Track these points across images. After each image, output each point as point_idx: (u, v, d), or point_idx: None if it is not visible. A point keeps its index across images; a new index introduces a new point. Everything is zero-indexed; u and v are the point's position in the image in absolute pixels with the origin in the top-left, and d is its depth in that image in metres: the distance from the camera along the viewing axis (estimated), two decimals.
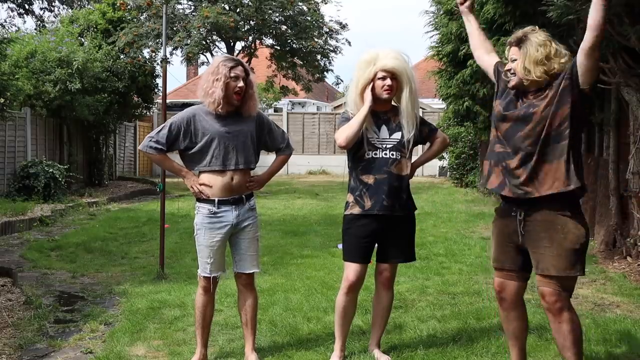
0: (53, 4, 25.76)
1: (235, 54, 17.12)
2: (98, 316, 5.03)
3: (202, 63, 17.88)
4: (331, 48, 17.48)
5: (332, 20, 17.56)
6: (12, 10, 25.03)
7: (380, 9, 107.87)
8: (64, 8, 25.50)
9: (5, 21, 25.11)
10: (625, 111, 7.02)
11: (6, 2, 23.34)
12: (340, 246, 4.11)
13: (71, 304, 5.52)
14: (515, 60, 3.29)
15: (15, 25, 24.98)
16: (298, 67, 17.71)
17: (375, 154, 3.87)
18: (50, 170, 12.73)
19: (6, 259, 7.52)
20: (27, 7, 25.05)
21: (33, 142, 13.87)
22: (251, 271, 3.98)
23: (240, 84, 3.80)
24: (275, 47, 17.51)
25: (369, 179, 3.87)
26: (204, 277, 3.92)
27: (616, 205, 7.24)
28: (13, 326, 4.86)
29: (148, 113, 19.94)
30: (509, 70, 3.34)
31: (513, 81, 3.31)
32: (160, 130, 3.88)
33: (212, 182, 3.84)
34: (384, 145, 3.88)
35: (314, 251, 7.78)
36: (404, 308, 5.15)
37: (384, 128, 3.91)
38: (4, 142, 12.64)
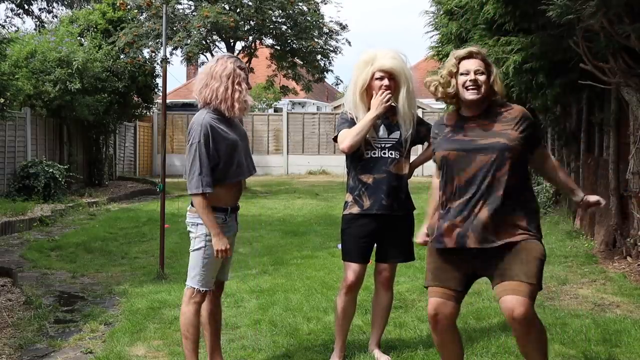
0: (52, 4, 25.75)
1: (235, 54, 17.11)
2: (98, 316, 5.03)
3: (202, 63, 17.85)
4: (331, 48, 17.47)
5: (332, 21, 17.56)
6: (11, 11, 24.99)
7: (380, 10, 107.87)
8: (62, 9, 25.48)
9: (5, 21, 25.07)
10: (625, 111, 7.02)
11: (4, 1, 23.31)
12: (340, 246, 4.09)
13: (71, 304, 5.52)
14: (483, 73, 3.17)
15: (15, 26, 24.95)
16: (298, 67, 17.69)
17: (374, 154, 3.87)
18: (50, 170, 12.73)
19: (6, 259, 7.52)
20: (26, 7, 25.03)
21: (33, 142, 13.87)
22: (228, 279, 3.87)
23: (250, 86, 3.68)
24: (275, 47, 17.50)
25: (368, 179, 3.86)
26: (204, 291, 3.60)
27: (616, 205, 7.23)
28: (13, 326, 4.86)
29: (148, 113, 19.94)
30: (475, 81, 3.15)
31: (474, 94, 3.16)
32: (201, 163, 3.46)
33: (225, 190, 3.60)
34: (383, 145, 3.87)
35: (314, 251, 7.78)
36: (404, 308, 5.15)
37: (382, 127, 3.90)
38: (4, 142, 12.64)
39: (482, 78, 3.17)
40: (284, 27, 16.92)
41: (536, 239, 3.13)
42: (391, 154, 3.87)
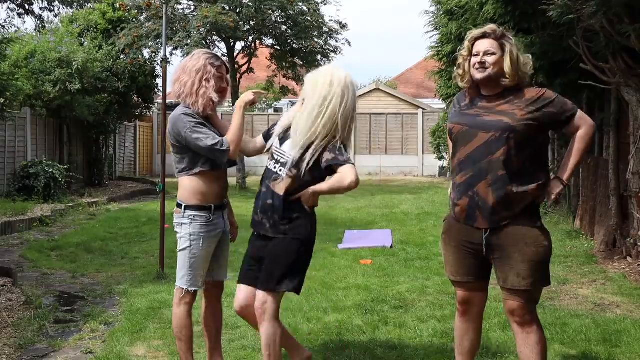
0: (53, 4, 25.73)
1: (235, 54, 17.12)
2: (98, 316, 5.03)
3: None
4: (331, 48, 17.47)
5: (332, 20, 17.56)
6: (11, 11, 24.94)
7: (380, 9, 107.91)
8: (63, 8, 25.46)
9: (5, 21, 25.06)
10: (625, 111, 7.02)
11: (6, 2, 23.29)
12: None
13: (71, 304, 5.52)
14: (494, 54, 3.12)
15: (15, 26, 24.94)
16: (298, 67, 17.70)
17: (269, 164, 3.55)
18: (50, 170, 12.73)
19: (6, 259, 7.52)
20: (27, 7, 25.00)
21: (33, 142, 13.87)
22: (228, 278, 3.84)
23: (224, 84, 3.60)
24: (275, 47, 17.50)
25: (260, 188, 3.55)
26: (193, 291, 3.59)
27: (616, 205, 7.24)
28: (13, 326, 4.86)
29: (148, 113, 19.95)
30: (482, 63, 3.12)
31: (480, 73, 3.14)
32: (206, 132, 3.46)
33: (208, 186, 3.55)
34: (277, 159, 3.49)
35: (313, 251, 7.76)
36: (404, 308, 5.15)
37: (289, 141, 3.48)
38: (4, 142, 12.64)
39: (490, 59, 3.13)
40: (283, 27, 16.93)
41: (539, 229, 3.09)
42: (280, 170, 3.43)
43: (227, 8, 15.58)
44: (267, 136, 3.72)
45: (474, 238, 3.16)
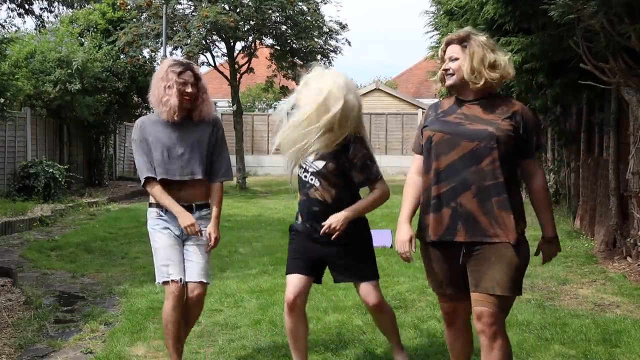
0: (53, 4, 25.73)
1: (235, 54, 17.13)
2: (98, 316, 5.03)
3: (202, 63, 17.92)
4: (331, 48, 17.50)
5: (332, 20, 17.57)
6: (12, 11, 24.94)
7: (380, 9, 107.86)
8: (63, 8, 25.46)
9: (5, 21, 25.06)
10: (625, 111, 7.02)
11: (6, 2, 23.30)
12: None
13: (71, 304, 5.52)
14: (457, 59, 3.03)
15: (15, 25, 24.94)
16: (298, 67, 17.71)
17: (300, 173, 3.64)
18: (50, 170, 12.74)
19: (6, 259, 7.52)
20: (27, 7, 24.99)
21: (33, 142, 13.88)
22: (198, 280, 3.69)
23: (189, 89, 3.61)
24: (275, 47, 17.51)
25: (298, 197, 3.70)
26: (163, 282, 3.63)
27: (616, 205, 7.24)
28: (13, 326, 4.86)
29: (148, 113, 19.95)
30: (447, 70, 3.07)
31: (448, 80, 3.07)
32: (139, 157, 3.70)
33: (162, 189, 3.67)
34: (306, 168, 3.58)
35: None
36: (404, 308, 5.15)
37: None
38: (4, 142, 12.65)
39: (453, 65, 3.04)
40: (283, 27, 16.94)
41: (516, 245, 2.94)
42: (311, 179, 3.56)
43: (227, 8, 15.59)
44: None
45: (452, 249, 3.04)
